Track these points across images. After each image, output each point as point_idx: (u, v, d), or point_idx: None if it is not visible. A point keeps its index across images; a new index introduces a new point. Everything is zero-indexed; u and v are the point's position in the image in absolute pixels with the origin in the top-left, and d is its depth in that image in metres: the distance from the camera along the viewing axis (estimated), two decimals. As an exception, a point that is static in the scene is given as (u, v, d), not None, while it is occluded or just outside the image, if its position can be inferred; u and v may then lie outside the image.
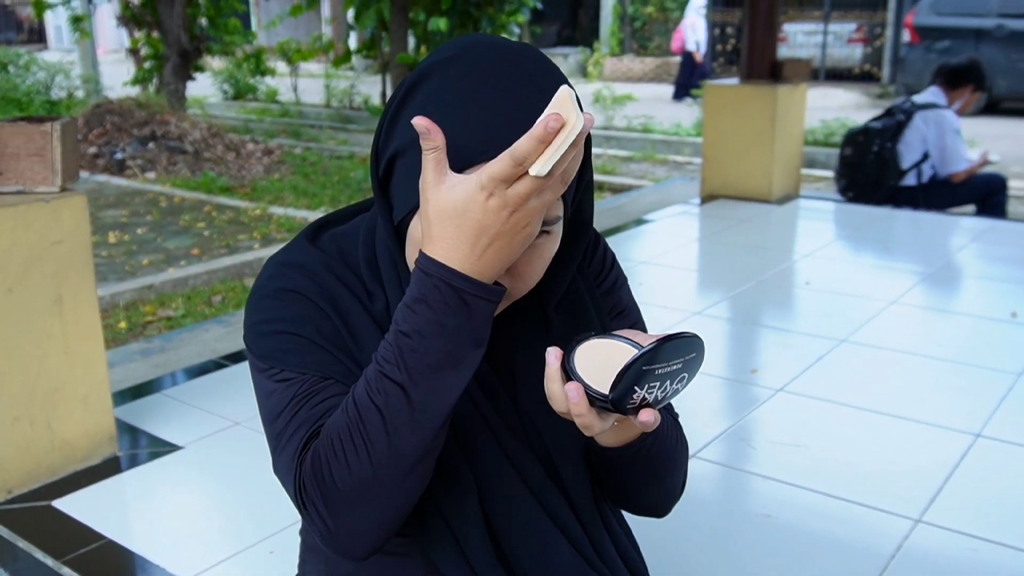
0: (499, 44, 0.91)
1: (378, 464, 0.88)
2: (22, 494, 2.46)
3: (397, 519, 0.92)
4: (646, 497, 1.12)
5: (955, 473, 2.55)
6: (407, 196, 0.92)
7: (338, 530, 0.91)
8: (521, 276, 0.92)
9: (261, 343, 0.99)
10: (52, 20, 23.73)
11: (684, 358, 0.85)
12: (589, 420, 0.87)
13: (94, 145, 8.54)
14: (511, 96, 0.87)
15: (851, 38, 16.10)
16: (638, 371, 0.82)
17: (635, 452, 1.02)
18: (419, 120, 0.81)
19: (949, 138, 5.35)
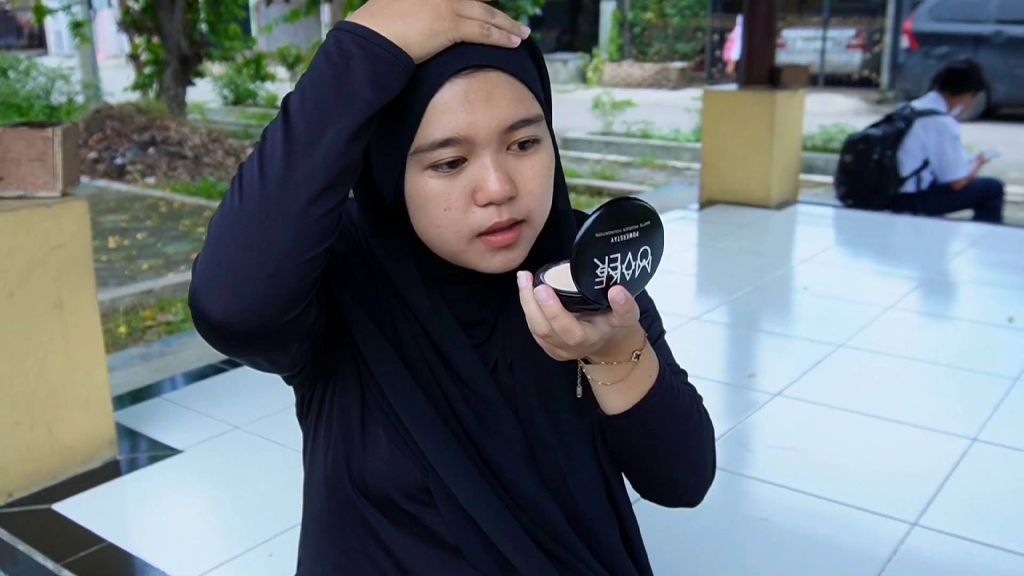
0: None
1: (246, 196, 0.82)
2: (22, 497, 2.47)
3: (258, 269, 0.82)
4: (674, 478, 1.08)
5: (951, 477, 2.56)
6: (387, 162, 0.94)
7: (197, 276, 0.84)
8: (524, 192, 0.93)
9: None
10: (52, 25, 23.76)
11: (638, 225, 0.83)
12: (565, 322, 0.85)
13: (94, 150, 8.55)
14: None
15: (850, 44, 16.13)
16: (592, 239, 0.80)
17: (645, 413, 0.99)
18: None
19: (949, 145, 5.36)
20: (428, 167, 0.91)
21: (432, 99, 0.88)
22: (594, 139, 10.65)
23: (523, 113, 0.92)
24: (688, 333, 3.71)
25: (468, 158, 0.91)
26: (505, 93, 0.90)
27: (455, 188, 0.91)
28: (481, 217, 0.92)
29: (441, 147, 0.89)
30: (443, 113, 0.89)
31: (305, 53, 14.30)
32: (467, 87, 0.89)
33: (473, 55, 0.89)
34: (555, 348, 0.90)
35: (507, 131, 0.91)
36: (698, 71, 17.84)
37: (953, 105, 5.50)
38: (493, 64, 0.90)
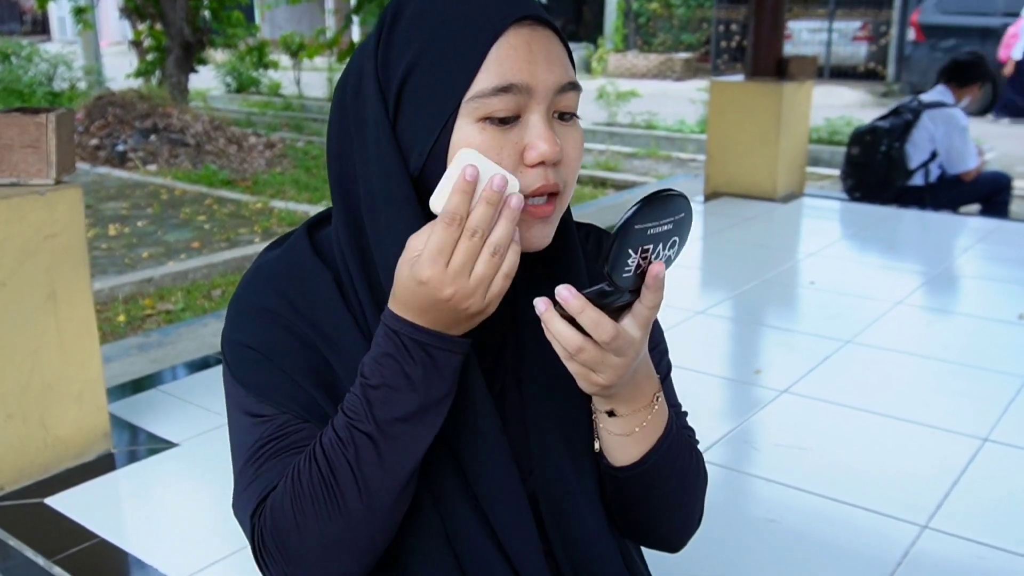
0: None
1: (348, 518, 0.87)
2: (14, 491, 2.42)
3: (363, 571, 0.90)
4: (662, 525, 1.05)
5: (962, 478, 2.52)
6: (436, 109, 0.86)
7: (279, 551, 0.89)
8: (567, 160, 0.90)
9: (241, 366, 0.96)
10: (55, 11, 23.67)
11: (674, 217, 0.82)
12: (593, 315, 0.82)
13: (96, 137, 8.50)
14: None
15: (856, 36, 16.03)
16: (630, 230, 0.78)
17: (653, 465, 0.96)
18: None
19: (958, 137, 5.31)
20: (483, 118, 0.86)
21: (496, 43, 0.85)
22: (598, 130, 10.58)
23: (572, 76, 0.90)
24: (693, 328, 3.66)
25: (520, 115, 0.87)
26: (560, 54, 0.89)
27: (507, 143, 0.86)
28: (529, 178, 0.87)
29: (501, 93, 0.85)
30: (507, 59, 0.85)
31: (308, 41, 14.21)
32: (530, 37, 0.87)
33: (534, 7, 0.88)
34: (588, 372, 0.86)
35: (558, 92, 0.88)
36: (703, 62, 17.74)
37: (960, 97, 5.46)
38: (550, 23, 0.89)
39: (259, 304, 0.96)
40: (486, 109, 0.85)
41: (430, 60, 0.86)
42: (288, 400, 0.93)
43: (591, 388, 0.88)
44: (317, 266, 0.96)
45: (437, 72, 0.86)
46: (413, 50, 0.87)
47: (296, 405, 0.93)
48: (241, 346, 0.95)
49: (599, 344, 0.83)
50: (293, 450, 0.92)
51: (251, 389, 0.94)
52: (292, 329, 0.94)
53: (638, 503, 1.01)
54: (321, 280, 0.96)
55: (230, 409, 0.98)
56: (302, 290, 0.95)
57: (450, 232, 0.81)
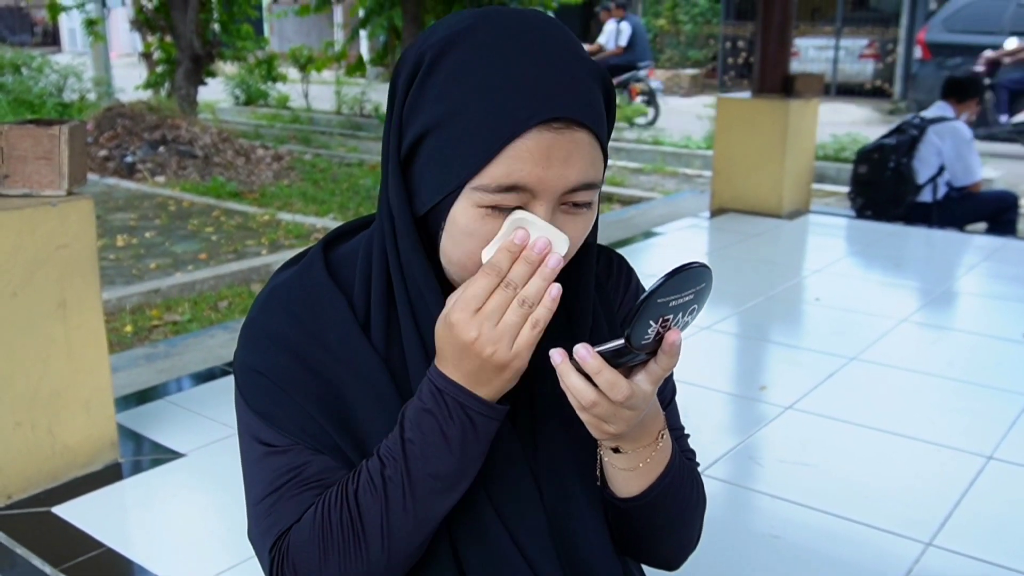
0: (511, 11, 0.90)
1: (372, 561, 0.90)
2: (22, 499, 2.44)
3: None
4: (660, 548, 1.07)
5: (966, 496, 2.52)
6: (441, 179, 0.87)
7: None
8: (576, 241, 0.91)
9: (253, 393, 0.96)
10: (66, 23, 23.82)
11: (695, 288, 0.84)
12: (609, 376, 0.84)
13: (105, 148, 8.55)
14: (542, 55, 0.85)
15: (863, 54, 16.07)
16: (653, 304, 0.80)
17: (656, 496, 0.98)
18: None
19: (964, 148, 5.34)
20: (482, 206, 0.86)
21: (513, 142, 0.83)
22: (605, 145, 10.61)
23: (591, 177, 0.88)
24: (699, 344, 3.67)
25: (523, 206, 0.86)
26: (584, 154, 0.86)
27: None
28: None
29: (504, 191, 0.84)
30: (518, 160, 0.83)
31: (317, 54, 14.28)
32: (552, 142, 0.83)
33: (567, 106, 0.84)
34: (600, 422, 0.88)
35: (569, 191, 0.87)
36: (710, 78, 17.79)
37: (960, 112, 5.52)
38: (584, 122, 0.85)
39: (273, 329, 0.96)
40: (488, 200, 0.85)
41: (449, 130, 0.85)
42: (300, 431, 0.94)
43: (602, 436, 0.91)
44: (332, 291, 0.96)
45: (451, 146, 0.85)
46: (439, 110, 0.86)
47: (308, 436, 0.94)
48: (254, 372, 0.96)
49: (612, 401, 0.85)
50: (310, 485, 0.93)
51: (263, 417, 0.95)
52: (306, 357, 0.94)
53: (638, 529, 1.03)
54: (336, 306, 0.96)
55: (242, 434, 0.99)
56: (318, 316, 0.95)
57: (487, 282, 0.84)
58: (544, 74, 0.84)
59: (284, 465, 0.94)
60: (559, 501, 0.99)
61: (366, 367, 0.94)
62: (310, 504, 0.92)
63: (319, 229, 6.39)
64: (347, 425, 0.94)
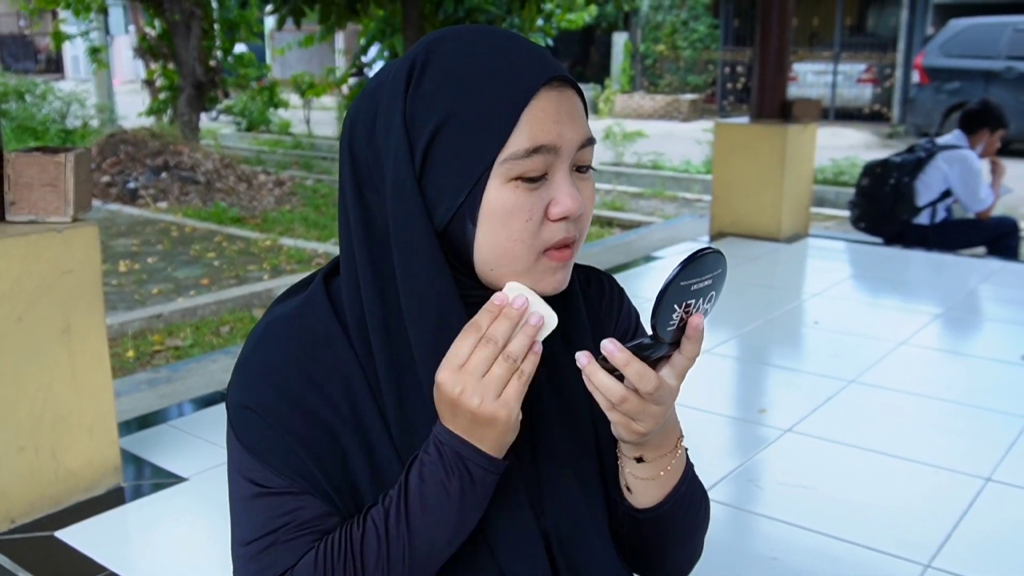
0: (474, 25, 0.95)
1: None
2: (25, 524, 2.45)
3: None
4: (670, 560, 1.08)
5: (965, 518, 2.53)
6: (467, 166, 0.87)
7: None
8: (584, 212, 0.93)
9: (246, 430, 0.94)
10: (70, 50, 24.01)
11: (713, 273, 0.86)
12: (638, 367, 0.86)
13: (107, 174, 8.60)
14: (515, 37, 0.92)
15: (861, 78, 16.18)
16: (677, 287, 0.83)
17: (674, 504, 1.00)
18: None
19: (972, 178, 5.36)
20: (516, 178, 0.88)
21: (528, 105, 0.87)
22: (605, 169, 10.67)
23: (591, 132, 0.93)
24: (698, 367, 3.65)
25: (547, 173, 0.90)
26: (580, 111, 0.92)
27: (536, 200, 0.89)
28: (552, 231, 0.91)
29: (533, 155, 0.87)
30: (538, 121, 0.87)
31: (318, 80, 14.39)
32: (559, 99, 0.89)
33: (558, 68, 0.90)
34: (629, 421, 0.89)
35: (580, 148, 0.91)
36: (709, 103, 17.90)
37: (973, 143, 5.50)
38: (574, 83, 0.92)
39: (269, 367, 0.94)
40: (519, 170, 0.87)
41: (461, 119, 0.87)
42: (295, 473, 0.92)
43: (630, 436, 0.92)
44: (335, 331, 0.95)
45: (469, 131, 0.87)
46: (443, 107, 0.87)
47: (301, 479, 0.92)
48: (247, 410, 0.94)
49: (641, 395, 0.87)
50: (305, 531, 0.92)
51: (256, 456, 0.93)
52: (300, 400, 0.93)
53: (652, 541, 1.04)
54: (339, 349, 0.95)
55: (232, 471, 0.97)
56: (317, 359, 0.94)
57: (471, 340, 0.86)
58: (528, 48, 0.91)
59: (278, 508, 0.92)
60: (564, 520, 0.99)
61: (366, 417, 0.93)
62: (305, 551, 0.92)
63: (321, 254, 6.42)
64: (341, 471, 0.93)
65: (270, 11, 9.87)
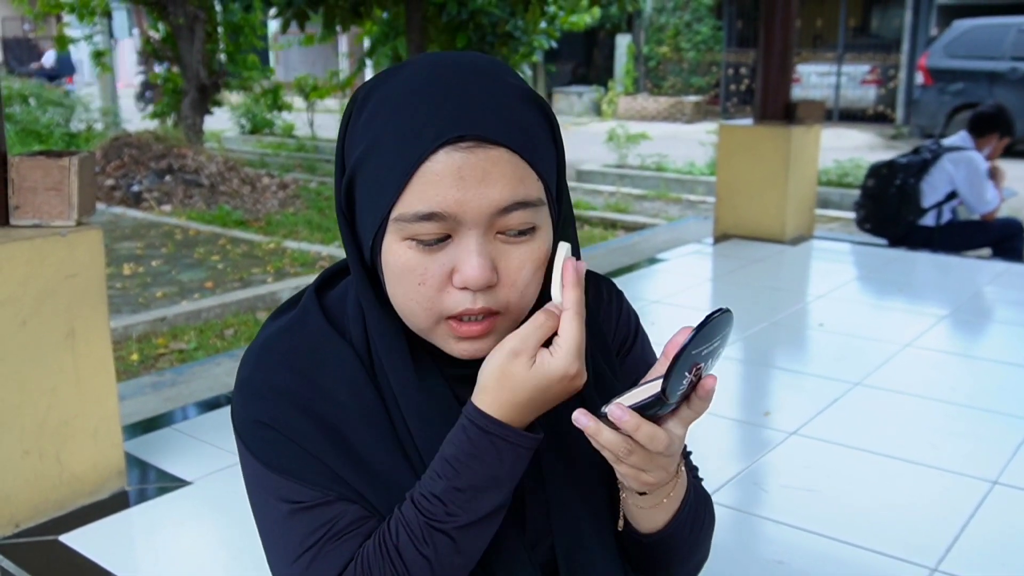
0: (446, 53, 0.90)
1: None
2: (29, 528, 2.45)
3: None
4: (678, 570, 1.07)
5: (972, 521, 2.52)
6: (370, 218, 0.86)
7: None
8: (507, 282, 0.86)
9: (267, 450, 0.92)
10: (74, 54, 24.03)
11: (722, 334, 0.86)
12: (648, 430, 0.84)
13: (111, 177, 8.61)
14: (459, 83, 0.84)
15: (865, 79, 16.17)
16: (687, 356, 0.82)
17: (677, 526, 0.98)
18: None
19: (977, 180, 5.35)
20: (408, 237, 0.84)
21: (420, 167, 0.82)
22: (608, 172, 10.67)
23: (521, 195, 0.84)
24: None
25: (452, 235, 0.84)
26: (505, 172, 0.83)
27: (433, 264, 0.85)
28: (454, 300, 0.85)
29: (424, 220, 0.82)
30: (431, 185, 0.82)
31: (322, 83, 14.41)
32: (463, 162, 0.81)
33: (476, 123, 0.82)
34: (639, 472, 0.88)
35: (499, 213, 0.83)
36: (713, 105, 17.90)
37: (980, 147, 5.49)
38: (497, 140, 0.82)
39: (276, 384, 0.92)
40: (410, 231, 0.83)
41: (370, 166, 0.85)
42: (328, 481, 0.90)
43: (641, 487, 0.91)
44: (334, 339, 0.94)
45: (373, 181, 0.85)
46: (362, 147, 0.86)
47: (330, 485, 0.90)
48: (264, 427, 0.92)
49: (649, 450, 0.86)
50: (346, 535, 0.90)
51: (285, 473, 0.91)
52: (314, 411, 0.91)
53: (658, 558, 1.03)
54: (341, 355, 0.93)
55: (258, 494, 0.94)
56: (322, 368, 0.93)
57: (584, 324, 0.85)
58: (454, 97, 0.83)
59: (315, 520, 0.90)
60: (572, 543, 0.98)
61: (374, 419, 0.92)
62: (350, 555, 0.89)
63: (324, 257, 6.43)
64: (356, 465, 0.91)
65: (274, 15, 9.89)
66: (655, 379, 0.88)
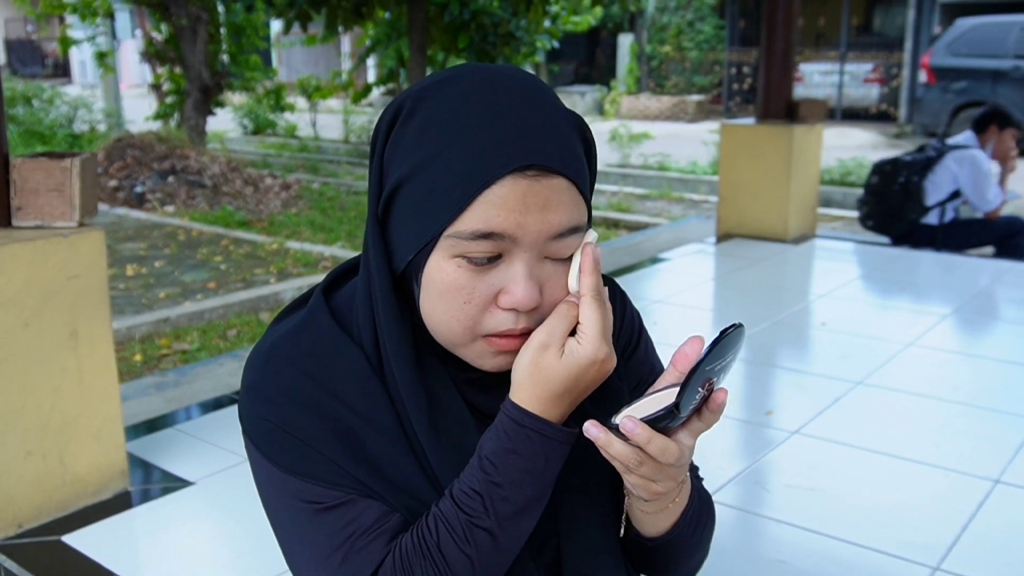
0: (489, 66, 0.90)
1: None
2: (32, 528, 2.45)
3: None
4: (680, 569, 1.08)
5: (973, 520, 2.51)
6: (417, 230, 0.86)
7: None
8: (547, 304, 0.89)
9: (283, 453, 0.91)
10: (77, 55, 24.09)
11: (734, 349, 0.87)
12: (660, 443, 0.85)
13: (115, 178, 8.63)
14: (517, 105, 0.85)
15: (867, 78, 16.16)
16: (701, 372, 0.83)
17: (681, 529, 0.99)
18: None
19: (981, 178, 5.35)
20: (459, 255, 0.85)
21: (487, 189, 0.82)
22: (611, 171, 10.67)
23: (575, 221, 0.86)
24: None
25: (504, 256, 0.85)
26: (563, 200, 0.85)
27: (481, 284, 0.86)
28: (497, 320, 0.87)
29: (481, 239, 0.83)
30: (493, 207, 0.83)
31: (324, 84, 14.42)
32: (527, 188, 0.83)
33: (542, 154, 0.83)
34: (649, 483, 0.89)
35: (554, 239, 0.86)
36: (715, 104, 17.89)
37: (984, 143, 5.50)
38: (559, 170, 0.84)
39: (286, 387, 0.92)
40: (462, 249, 0.84)
41: (423, 180, 0.85)
42: (340, 479, 0.90)
43: (652, 496, 0.91)
44: (343, 340, 0.94)
45: (425, 195, 0.85)
46: (413, 160, 0.85)
47: (347, 483, 0.90)
48: (279, 431, 0.91)
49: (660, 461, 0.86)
50: (374, 533, 0.89)
51: (303, 475, 0.90)
52: (324, 412, 0.91)
53: (660, 559, 1.04)
54: (351, 356, 0.93)
55: (275, 499, 0.94)
56: (331, 369, 0.93)
57: (606, 307, 0.87)
58: (519, 121, 0.84)
59: (338, 521, 0.90)
60: (574, 534, 0.99)
61: (384, 418, 0.92)
62: (381, 552, 0.89)
63: (327, 257, 6.43)
64: (368, 464, 0.91)
65: (276, 15, 9.90)
66: (664, 388, 0.88)
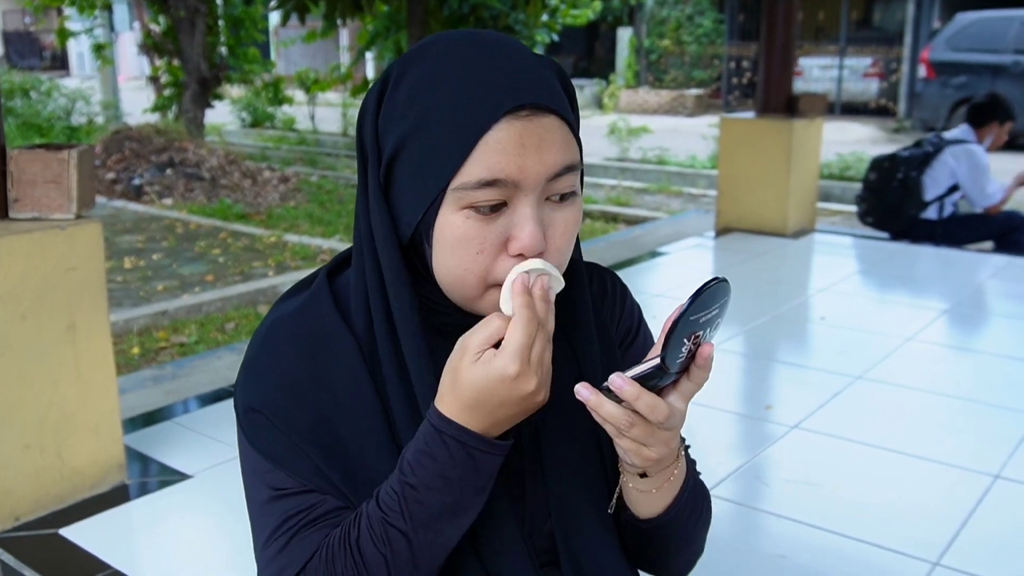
0: (465, 30, 0.92)
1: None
2: (29, 522, 2.45)
3: None
4: (675, 560, 1.08)
5: (973, 515, 2.51)
6: (421, 189, 0.86)
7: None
8: (552, 247, 0.89)
9: (259, 434, 0.94)
10: (75, 47, 24.05)
11: (720, 302, 0.86)
12: (649, 400, 0.85)
13: (112, 171, 8.61)
14: (498, 54, 0.87)
15: (867, 72, 16.13)
16: (686, 321, 0.83)
17: (677, 510, 0.99)
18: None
19: (979, 173, 5.34)
20: (467, 206, 0.85)
21: (484, 136, 0.84)
22: (610, 165, 10.65)
23: (570, 159, 0.88)
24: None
25: (508, 203, 0.86)
26: (556, 138, 0.87)
27: (490, 233, 0.86)
28: (506, 267, 0.87)
29: (486, 187, 0.84)
30: (494, 153, 0.84)
31: (323, 77, 14.39)
32: (522, 129, 0.85)
33: (530, 93, 0.85)
34: (640, 447, 0.88)
35: (553, 178, 0.87)
36: (714, 98, 17.86)
37: (981, 137, 5.48)
38: (550, 107, 0.86)
39: (275, 367, 0.94)
40: (470, 199, 0.85)
41: (420, 140, 0.86)
42: (306, 474, 0.92)
43: (642, 462, 0.90)
44: (340, 328, 0.95)
45: (425, 154, 0.86)
46: (407, 124, 0.87)
47: (313, 479, 0.92)
48: (254, 412, 0.94)
49: (651, 421, 0.86)
50: (318, 524, 0.92)
51: (270, 458, 0.93)
52: (307, 399, 0.93)
53: (654, 545, 1.03)
54: (345, 347, 0.94)
55: (247, 473, 0.97)
56: (324, 356, 0.94)
57: (532, 328, 0.84)
58: (503, 68, 0.86)
59: (293, 507, 0.93)
60: (571, 526, 0.99)
61: (368, 412, 0.93)
62: (319, 543, 0.92)
63: (325, 250, 6.42)
64: (350, 467, 0.92)
65: (274, 6, 9.87)
66: (656, 357, 0.88)
